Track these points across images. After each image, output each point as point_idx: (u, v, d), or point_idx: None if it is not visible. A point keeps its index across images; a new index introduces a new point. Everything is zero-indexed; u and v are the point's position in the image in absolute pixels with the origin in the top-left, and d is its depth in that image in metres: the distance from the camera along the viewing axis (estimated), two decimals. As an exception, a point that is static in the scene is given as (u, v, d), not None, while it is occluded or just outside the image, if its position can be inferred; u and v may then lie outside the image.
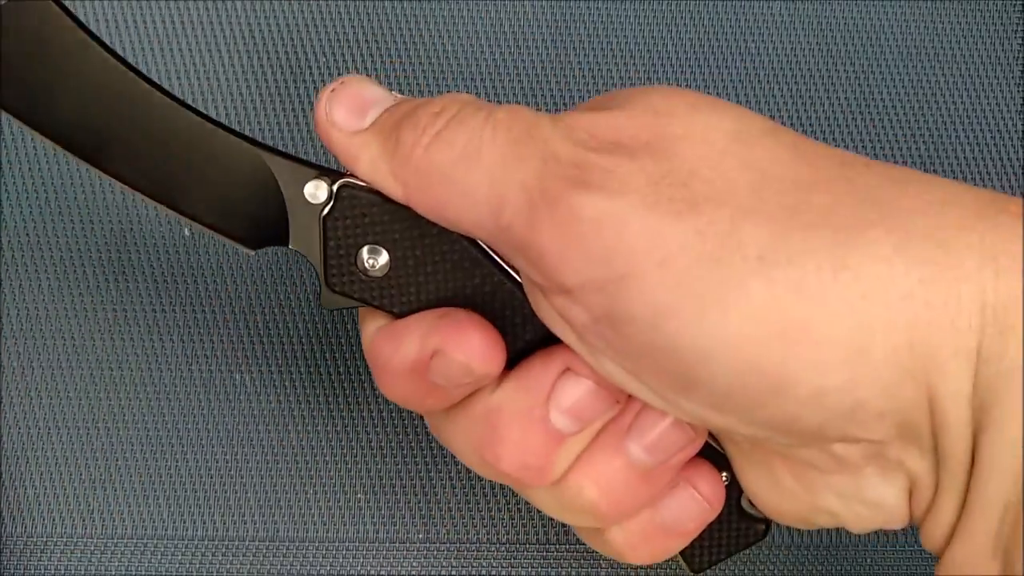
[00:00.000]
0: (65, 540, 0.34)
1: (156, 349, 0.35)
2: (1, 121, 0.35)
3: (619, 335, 0.23)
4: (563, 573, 0.35)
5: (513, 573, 0.35)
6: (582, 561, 0.35)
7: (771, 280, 0.21)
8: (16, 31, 0.25)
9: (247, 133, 0.36)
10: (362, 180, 0.25)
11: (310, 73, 0.36)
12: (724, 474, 0.27)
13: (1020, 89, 0.38)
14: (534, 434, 0.25)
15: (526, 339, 0.26)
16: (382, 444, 0.35)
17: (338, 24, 0.36)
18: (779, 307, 0.21)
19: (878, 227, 0.21)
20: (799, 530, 0.35)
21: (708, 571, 0.29)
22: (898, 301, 0.21)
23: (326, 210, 0.26)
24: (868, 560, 0.36)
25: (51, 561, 0.34)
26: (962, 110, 0.38)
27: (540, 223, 0.23)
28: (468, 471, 0.35)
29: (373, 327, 0.27)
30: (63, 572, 0.34)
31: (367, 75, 0.30)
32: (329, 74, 0.36)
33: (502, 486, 0.35)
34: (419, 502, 0.35)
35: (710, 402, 0.23)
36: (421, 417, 0.35)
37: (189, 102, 0.36)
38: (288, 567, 0.34)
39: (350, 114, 0.25)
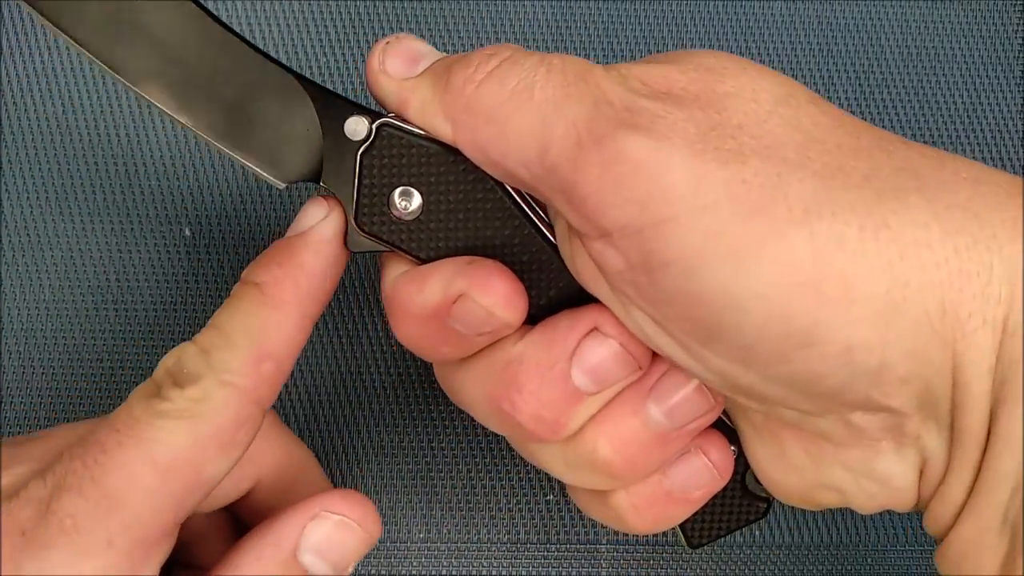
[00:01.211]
0: (65, 540, 0.34)
1: (156, 349, 0.35)
2: (1, 121, 0.35)
3: (652, 282, 0.23)
4: (563, 573, 0.35)
5: (513, 573, 0.35)
6: (582, 561, 0.35)
7: (813, 233, 0.21)
8: None
9: (247, 133, 0.36)
10: (408, 123, 0.26)
11: (310, 73, 0.36)
12: (732, 448, 0.27)
13: (1020, 89, 0.38)
14: (553, 388, 0.25)
15: (550, 296, 0.26)
16: (383, 444, 0.35)
17: (338, 24, 0.36)
18: (818, 260, 0.21)
19: (916, 194, 0.22)
20: (799, 530, 0.35)
21: (708, 571, 0.29)
22: (933, 266, 0.21)
23: (364, 147, 0.26)
24: (868, 560, 0.36)
25: (51, 561, 0.34)
26: (962, 110, 0.38)
27: (585, 162, 0.23)
28: (469, 471, 0.35)
29: (395, 272, 0.27)
30: (63, 572, 0.34)
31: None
32: (329, 74, 0.36)
33: (502, 486, 0.35)
34: (419, 502, 0.35)
35: (735, 355, 0.23)
36: (421, 417, 0.35)
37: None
38: (288, 567, 0.34)
39: (403, 63, 0.26)
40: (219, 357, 0.25)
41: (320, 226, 0.26)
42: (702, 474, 0.27)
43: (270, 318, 0.25)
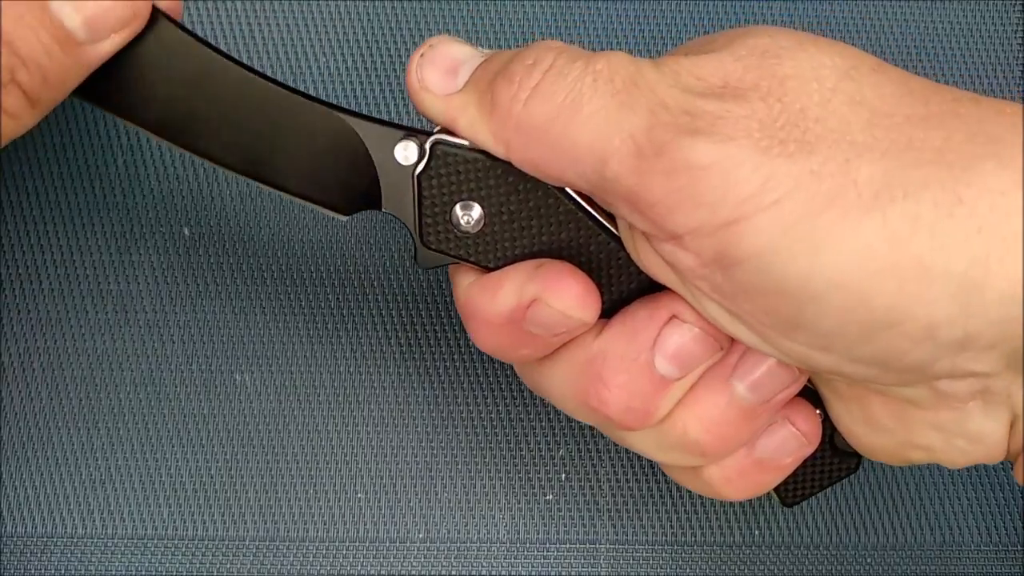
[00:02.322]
0: (65, 540, 0.34)
1: (156, 349, 0.35)
2: (1, 121, 0.35)
3: (728, 278, 0.23)
4: (563, 573, 0.35)
5: (513, 573, 0.35)
6: (582, 560, 0.35)
7: (886, 217, 0.21)
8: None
9: (247, 133, 0.36)
10: (455, 137, 0.25)
11: (311, 73, 0.36)
12: (818, 412, 0.28)
13: (1020, 89, 0.38)
14: (639, 379, 0.25)
15: (620, 289, 0.26)
16: (382, 444, 0.35)
17: (338, 24, 0.36)
18: (894, 244, 0.21)
19: (992, 161, 0.21)
20: (799, 530, 0.35)
21: (708, 571, 0.29)
22: (1012, 236, 0.21)
23: (420, 167, 0.26)
24: (868, 560, 0.36)
25: (51, 561, 0.34)
26: (962, 110, 0.38)
27: (649, 173, 0.22)
28: (468, 471, 0.35)
29: (466, 281, 0.27)
30: (63, 572, 0.34)
31: (453, 36, 0.31)
32: (329, 74, 0.36)
33: (502, 486, 0.35)
34: (419, 502, 0.35)
35: (816, 342, 0.23)
36: (421, 417, 0.35)
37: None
38: (288, 567, 0.34)
39: (442, 77, 0.25)
40: None
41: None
42: (790, 442, 0.27)
43: None
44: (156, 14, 0.26)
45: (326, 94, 0.36)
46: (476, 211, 0.26)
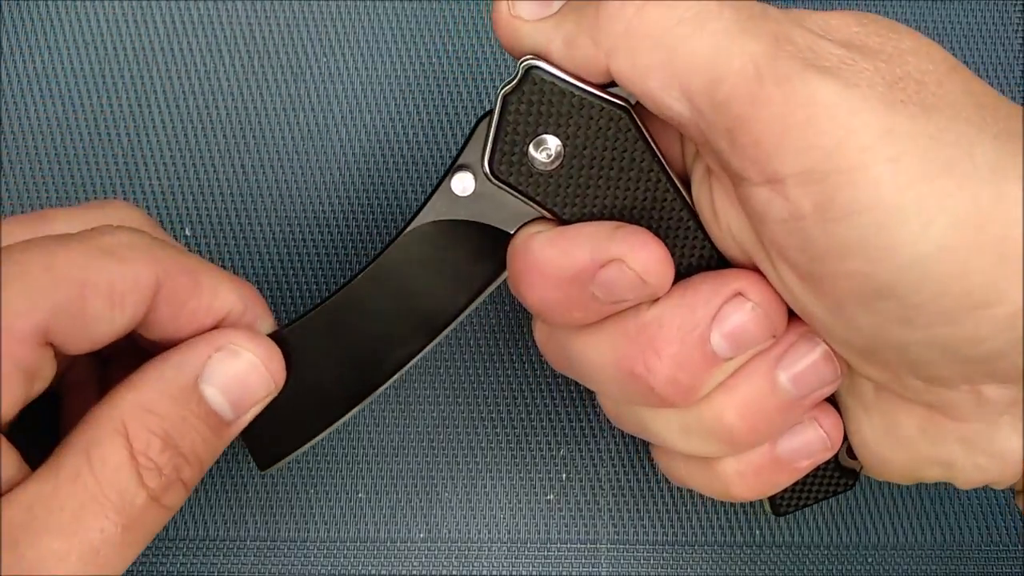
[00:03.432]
0: (65, 540, 0.34)
1: (156, 349, 0.35)
2: (1, 121, 0.35)
3: (824, 232, 0.22)
4: (563, 573, 0.35)
5: (513, 573, 0.35)
6: (582, 560, 0.35)
7: (1001, 194, 0.21)
8: None
9: (246, 133, 0.36)
10: (552, 67, 0.25)
11: (310, 73, 0.36)
12: None
13: (1020, 89, 0.38)
14: (692, 353, 0.25)
15: (683, 261, 0.26)
16: (383, 444, 0.35)
17: (338, 24, 0.36)
18: (1005, 220, 0.21)
19: None
20: (799, 530, 0.36)
21: (708, 571, 0.29)
22: None
23: (509, 88, 0.25)
24: (868, 560, 0.36)
25: (51, 561, 0.34)
26: (962, 110, 0.38)
27: (767, 100, 0.22)
28: (468, 471, 0.35)
29: (522, 232, 0.26)
30: (63, 572, 0.34)
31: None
32: (329, 74, 0.36)
33: (502, 486, 0.35)
34: (420, 502, 0.35)
35: (899, 314, 0.22)
36: (421, 417, 0.35)
37: (190, 102, 0.36)
38: (288, 567, 0.34)
39: (536, 5, 0.25)
40: None
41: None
42: (814, 444, 0.27)
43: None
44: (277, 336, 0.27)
45: (326, 94, 0.36)
46: (555, 147, 0.25)
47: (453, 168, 0.26)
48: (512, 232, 0.26)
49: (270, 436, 0.27)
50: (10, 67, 0.35)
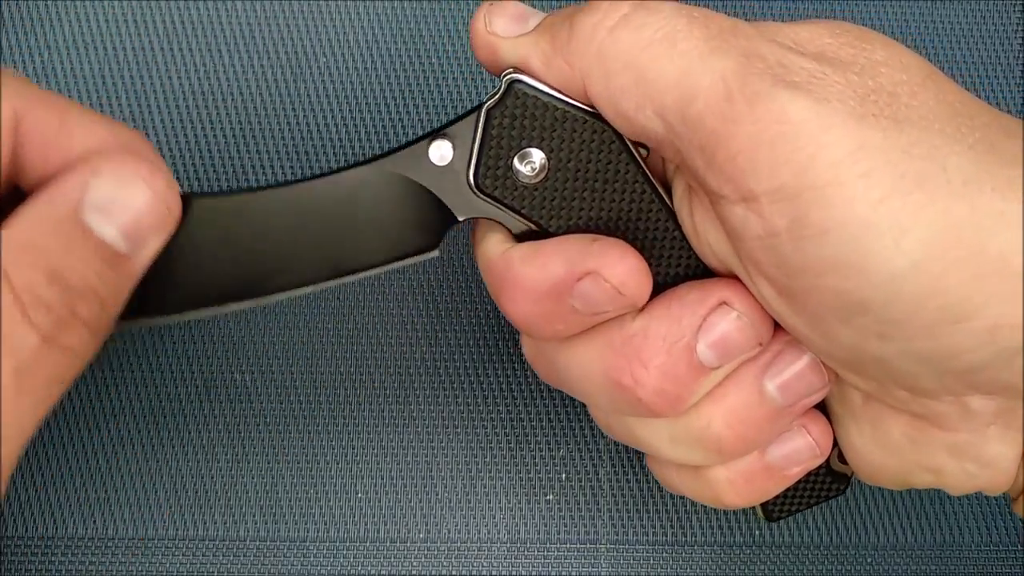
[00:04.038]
0: (65, 540, 0.34)
1: (156, 349, 0.35)
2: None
3: (799, 250, 0.22)
4: (563, 573, 0.35)
5: (513, 573, 0.35)
6: (582, 560, 0.35)
7: (974, 207, 0.21)
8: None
9: (245, 133, 0.36)
10: (535, 79, 0.25)
11: (310, 73, 0.36)
12: None
13: (1020, 89, 0.38)
14: (678, 363, 0.25)
15: (666, 271, 0.26)
16: (383, 444, 0.35)
17: (338, 24, 0.36)
18: (978, 234, 0.21)
19: None
20: (799, 530, 0.35)
21: (708, 571, 0.29)
22: None
23: (492, 102, 0.25)
24: (868, 560, 0.36)
25: (52, 562, 0.34)
26: (962, 110, 0.38)
27: (738, 118, 0.22)
28: (468, 471, 0.35)
29: (503, 247, 0.26)
30: (63, 572, 0.34)
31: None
32: (329, 74, 0.36)
33: (502, 486, 0.35)
34: (420, 502, 0.35)
35: (877, 329, 0.22)
36: (421, 417, 0.35)
37: (190, 102, 0.36)
38: (288, 567, 0.34)
39: (511, 22, 0.25)
40: None
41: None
42: (803, 451, 0.27)
43: None
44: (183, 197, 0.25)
45: (326, 94, 0.36)
46: (539, 160, 0.25)
47: (437, 133, 0.26)
48: (460, 219, 0.26)
49: (141, 291, 0.25)
50: (10, 67, 0.35)
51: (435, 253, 0.26)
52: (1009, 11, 0.39)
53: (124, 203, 0.23)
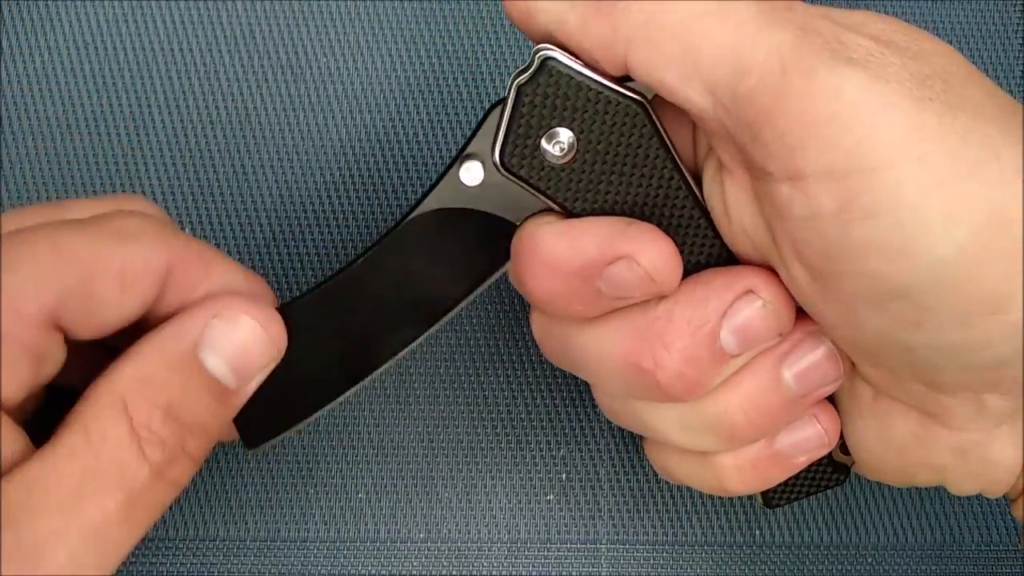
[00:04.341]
0: (65, 540, 0.34)
1: (156, 349, 0.35)
2: (1, 121, 0.35)
3: (843, 232, 0.21)
4: (563, 573, 0.35)
5: (513, 573, 0.35)
6: (582, 560, 0.35)
7: (1021, 197, 0.21)
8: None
9: (246, 133, 0.36)
10: (565, 53, 0.24)
11: (310, 73, 0.36)
12: None
13: (1020, 89, 0.38)
14: (700, 347, 0.25)
15: (691, 259, 0.26)
16: (383, 444, 0.35)
17: (338, 24, 0.36)
18: (1021, 224, 0.21)
19: None
20: (799, 530, 0.35)
21: (708, 571, 0.29)
22: None
23: (523, 78, 0.24)
24: (868, 560, 0.36)
25: (51, 561, 0.34)
26: (962, 110, 0.38)
27: (791, 93, 0.21)
28: (468, 471, 0.35)
29: (531, 224, 0.26)
30: (63, 572, 0.34)
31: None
32: (329, 74, 0.36)
33: (502, 486, 0.35)
34: (420, 502, 0.35)
35: (910, 316, 0.22)
36: (421, 417, 0.35)
37: (190, 102, 0.36)
38: (288, 567, 0.34)
39: None
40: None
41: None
42: (812, 440, 0.27)
43: None
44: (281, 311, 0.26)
45: (326, 94, 0.36)
46: (568, 140, 0.24)
47: (461, 156, 0.26)
48: (517, 224, 0.26)
49: (259, 415, 0.26)
50: (10, 67, 0.35)
51: (509, 264, 0.26)
52: (1009, 11, 0.39)
53: (238, 344, 0.24)
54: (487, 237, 0.26)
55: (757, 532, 0.35)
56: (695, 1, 0.22)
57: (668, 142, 0.25)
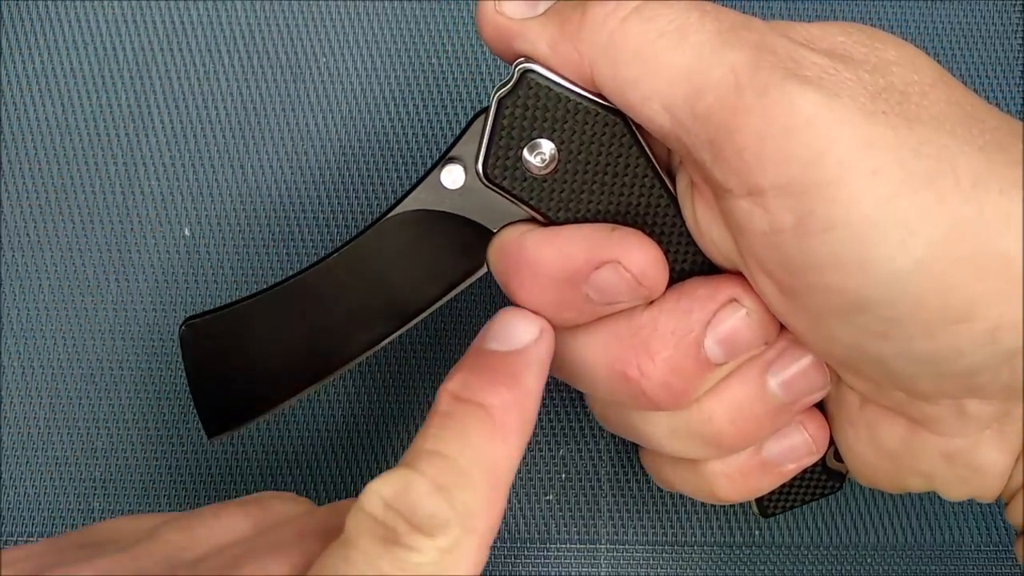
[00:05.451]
0: (65, 540, 0.34)
1: (156, 349, 0.35)
2: (1, 121, 0.35)
3: (804, 247, 0.22)
4: (563, 572, 0.35)
5: (513, 573, 0.35)
6: (582, 560, 0.35)
7: (981, 208, 0.21)
8: (195, 356, 0.27)
9: (246, 133, 0.36)
10: (547, 69, 0.24)
11: (310, 73, 0.36)
12: None
13: (1020, 89, 0.38)
14: (685, 357, 0.25)
15: (674, 266, 0.26)
16: (383, 444, 0.35)
17: (338, 24, 0.36)
18: (984, 235, 0.21)
19: None
20: (799, 530, 0.35)
21: (708, 571, 0.29)
22: None
23: (504, 91, 0.25)
24: (868, 560, 0.36)
25: (51, 561, 0.34)
26: (962, 110, 0.38)
27: (747, 111, 0.21)
28: (468, 471, 0.35)
29: (512, 231, 0.26)
30: (63, 572, 0.34)
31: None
32: (329, 74, 0.36)
33: (502, 486, 0.35)
34: (419, 502, 0.35)
35: (878, 328, 0.22)
36: (422, 417, 0.35)
37: (190, 102, 0.36)
38: (288, 567, 0.34)
39: (521, 4, 0.25)
40: (461, 499, 0.22)
41: (540, 346, 0.25)
42: (800, 448, 0.27)
43: (500, 450, 0.23)
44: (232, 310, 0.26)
45: (326, 94, 0.36)
46: (549, 151, 0.25)
47: (444, 160, 0.26)
48: (495, 231, 0.26)
49: (222, 406, 0.26)
50: (10, 67, 0.35)
51: (483, 270, 0.27)
52: (1009, 11, 0.39)
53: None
54: (463, 242, 0.26)
55: (756, 532, 0.35)
56: (653, 22, 0.23)
57: (648, 152, 0.25)
